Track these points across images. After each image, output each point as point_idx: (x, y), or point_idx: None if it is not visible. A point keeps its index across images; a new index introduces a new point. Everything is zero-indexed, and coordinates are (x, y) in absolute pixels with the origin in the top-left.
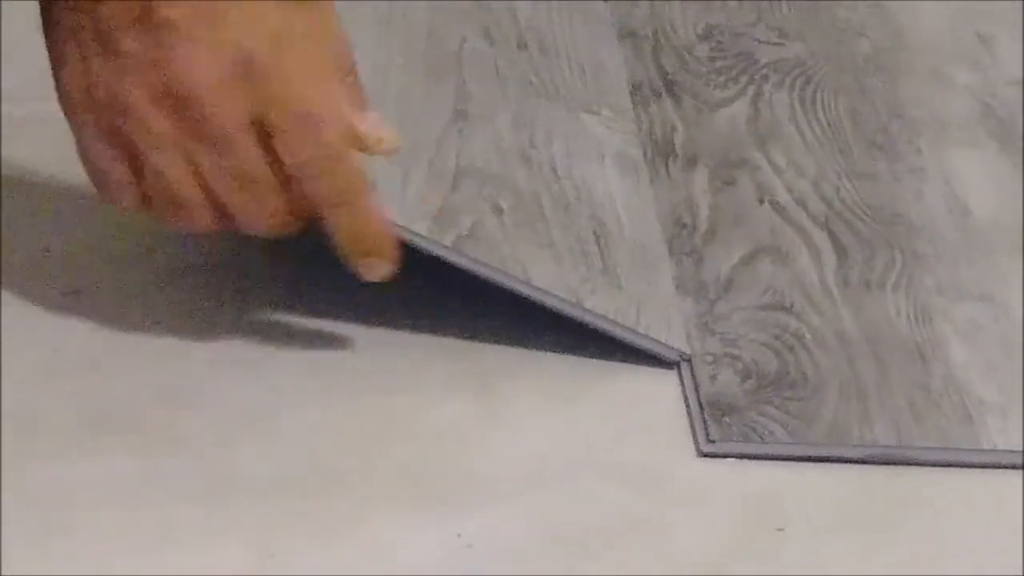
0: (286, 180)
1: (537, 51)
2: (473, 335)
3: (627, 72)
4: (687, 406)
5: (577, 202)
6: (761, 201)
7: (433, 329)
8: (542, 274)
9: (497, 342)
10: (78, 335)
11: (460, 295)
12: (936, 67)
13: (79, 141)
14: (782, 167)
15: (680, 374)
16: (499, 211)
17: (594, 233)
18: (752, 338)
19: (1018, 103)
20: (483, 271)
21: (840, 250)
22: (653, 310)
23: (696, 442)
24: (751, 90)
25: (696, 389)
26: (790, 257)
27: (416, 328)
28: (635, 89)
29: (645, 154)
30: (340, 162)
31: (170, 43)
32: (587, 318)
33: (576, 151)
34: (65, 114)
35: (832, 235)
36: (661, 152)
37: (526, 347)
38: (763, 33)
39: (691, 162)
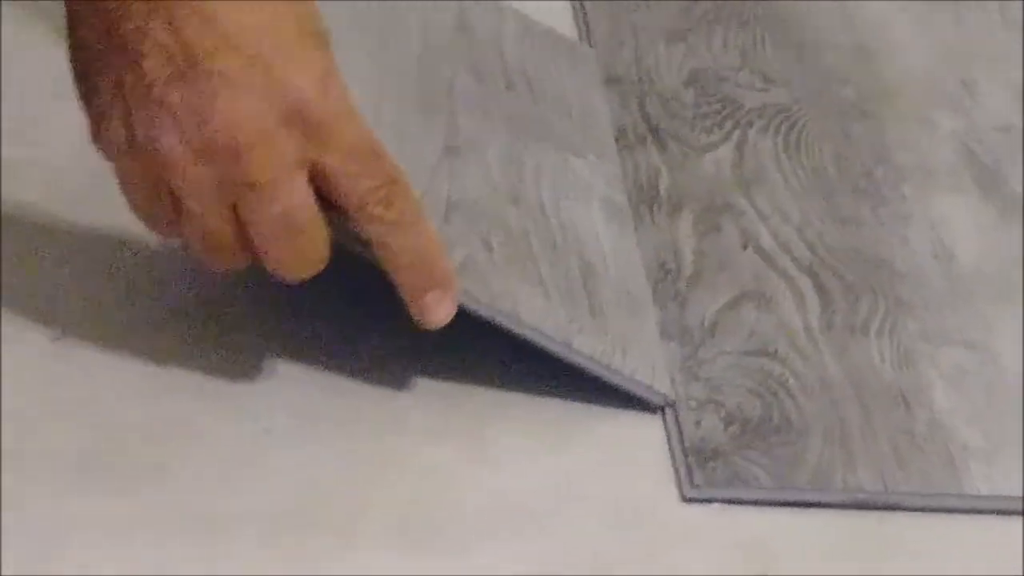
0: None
1: (525, 91)
2: (462, 378)
3: (612, 117)
4: (671, 451)
5: (564, 242)
6: (745, 246)
7: (423, 372)
8: (531, 310)
9: (486, 385)
10: (68, 377)
11: (450, 336)
12: (920, 113)
13: (122, 186)
14: (767, 212)
15: (664, 419)
16: (489, 247)
17: (581, 274)
18: (736, 383)
19: (1003, 149)
20: (474, 306)
21: (824, 295)
22: (638, 353)
23: (681, 487)
24: (736, 135)
25: (680, 434)
26: (774, 302)
27: (406, 371)
28: (620, 134)
29: (630, 199)
30: (399, 186)
31: (217, 95)
32: (575, 358)
33: (564, 192)
34: (107, 161)
35: (816, 280)
36: (646, 197)
37: (514, 390)
38: (747, 79)
39: (676, 207)
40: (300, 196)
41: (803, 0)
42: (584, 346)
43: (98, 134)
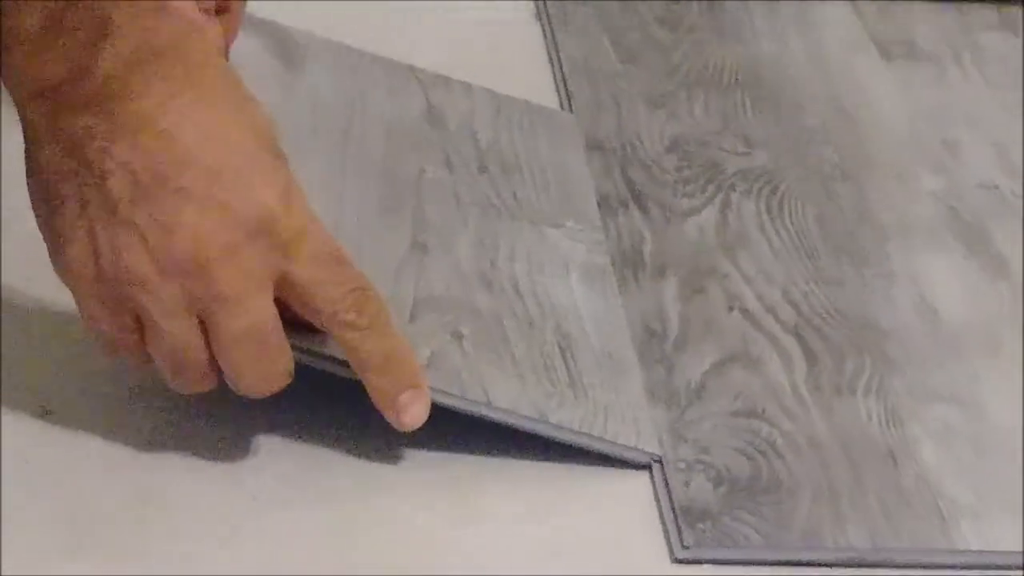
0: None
1: (499, 172)
2: (448, 444)
3: (595, 183)
4: (660, 513)
5: (540, 317)
6: (731, 309)
7: (408, 438)
8: (505, 393)
9: (471, 449)
10: (52, 449)
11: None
12: (902, 172)
13: (83, 309)
14: (751, 275)
15: (653, 480)
16: (459, 337)
17: (559, 346)
18: (724, 444)
19: (985, 207)
20: (444, 400)
21: (810, 355)
22: (621, 416)
23: (671, 548)
24: (719, 199)
25: (670, 495)
26: (761, 363)
27: (390, 437)
28: (603, 200)
29: (614, 263)
30: (368, 291)
31: (181, 211)
32: (553, 432)
33: (539, 267)
34: (68, 286)
35: (802, 341)
36: (630, 262)
37: (500, 455)
38: (729, 142)
39: (660, 271)
40: (266, 311)
41: (783, 62)
42: (563, 419)
43: (60, 258)
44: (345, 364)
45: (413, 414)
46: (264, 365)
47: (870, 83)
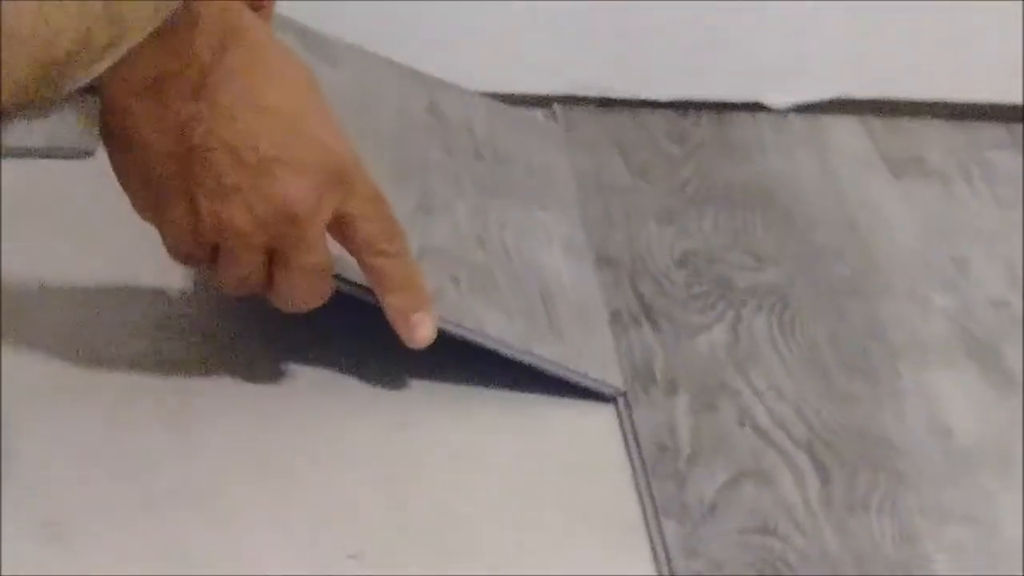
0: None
1: (492, 160)
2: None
3: (605, 298)
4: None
5: (526, 275)
6: (743, 425)
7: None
8: (495, 326)
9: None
10: (62, 562)
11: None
12: (912, 289)
13: (174, 248)
14: (762, 391)
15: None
16: (456, 280)
17: (542, 298)
18: (737, 560)
19: (997, 324)
20: (444, 326)
21: (823, 472)
22: (592, 358)
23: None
24: (729, 315)
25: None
26: (773, 480)
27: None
28: (614, 316)
29: (625, 380)
30: (398, 224)
31: (278, 176)
32: (535, 362)
33: (527, 237)
34: (168, 237)
35: (814, 457)
36: (641, 377)
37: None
38: (739, 258)
39: (672, 387)
40: (328, 248)
41: (793, 179)
42: (544, 352)
43: (161, 223)
44: (368, 290)
45: (423, 332)
46: (316, 289)
47: (880, 200)
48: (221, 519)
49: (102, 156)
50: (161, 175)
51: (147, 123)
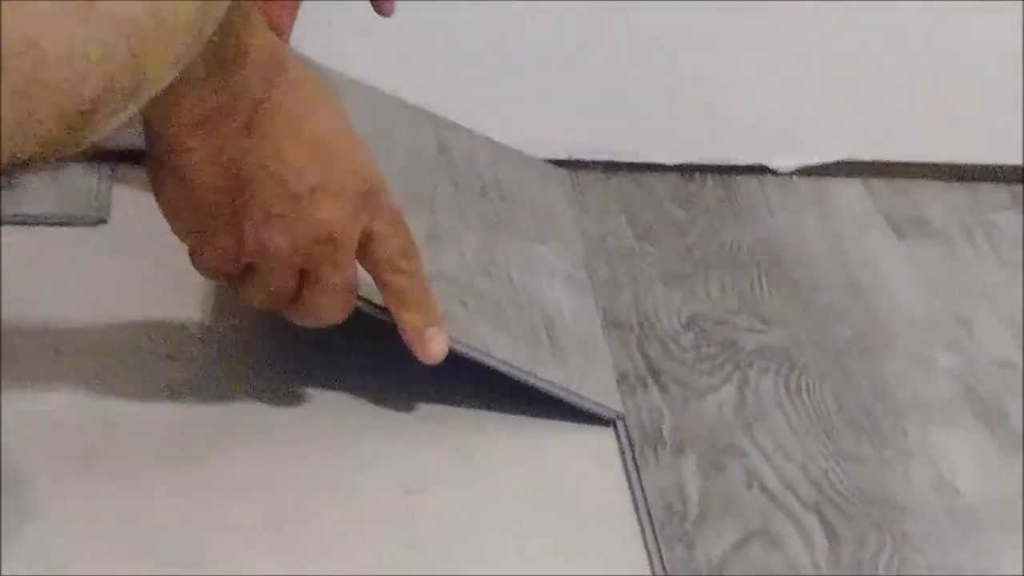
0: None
1: (497, 197)
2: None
3: (613, 360)
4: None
5: (529, 304)
6: (750, 486)
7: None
8: (500, 349)
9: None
10: None
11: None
12: (917, 350)
13: (210, 268)
14: (770, 452)
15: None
16: (464, 305)
17: (544, 326)
18: None
19: (1002, 384)
20: (452, 345)
21: (831, 533)
22: (592, 382)
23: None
24: (736, 377)
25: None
26: (781, 541)
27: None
28: (622, 377)
29: (632, 443)
30: (415, 243)
31: (320, 203)
32: (538, 384)
33: (529, 270)
34: (207, 259)
35: (822, 518)
36: (649, 439)
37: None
38: (746, 320)
39: (679, 449)
40: (355, 267)
41: (798, 241)
42: (547, 375)
43: (206, 250)
44: (382, 309)
45: (436, 347)
46: (340, 306)
47: (884, 261)
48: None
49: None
50: (211, 205)
51: (203, 158)
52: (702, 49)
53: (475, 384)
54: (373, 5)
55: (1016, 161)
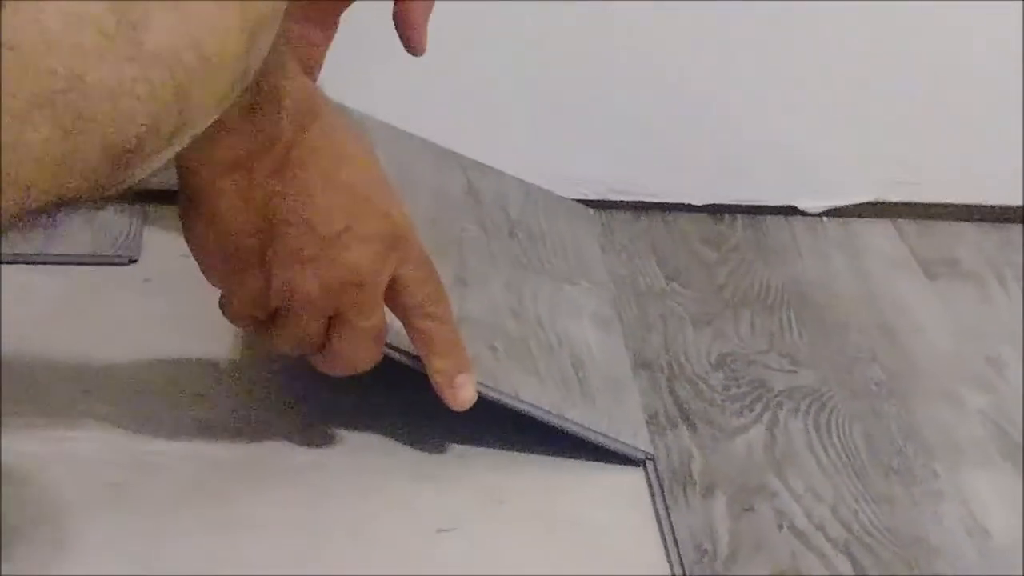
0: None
1: (526, 238)
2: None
3: (643, 401)
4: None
5: (558, 345)
6: (780, 527)
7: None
8: (529, 392)
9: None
10: None
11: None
12: (948, 390)
13: (237, 313)
14: (800, 492)
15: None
16: (493, 349)
17: (573, 367)
18: None
19: None
20: (481, 390)
21: (861, 574)
22: (622, 422)
23: None
24: (766, 417)
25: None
26: None
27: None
28: (651, 418)
29: (662, 483)
30: (443, 287)
31: (350, 248)
32: (567, 426)
33: (558, 310)
34: (235, 303)
35: (852, 559)
36: (679, 479)
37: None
38: (776, 361)
39: (709, 489)
40: (384, 312)
41: (827, 281)
42: (576, 417)
43: (236, 292)
44: (412, 356)
45: (466, 394)
46: (369, 352)
47: (914, 301)
48: None
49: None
50: (241, 248)
51: (235, 201)
52: (731, 90)
53: (505, 424)
54: (404, 43)
55: None
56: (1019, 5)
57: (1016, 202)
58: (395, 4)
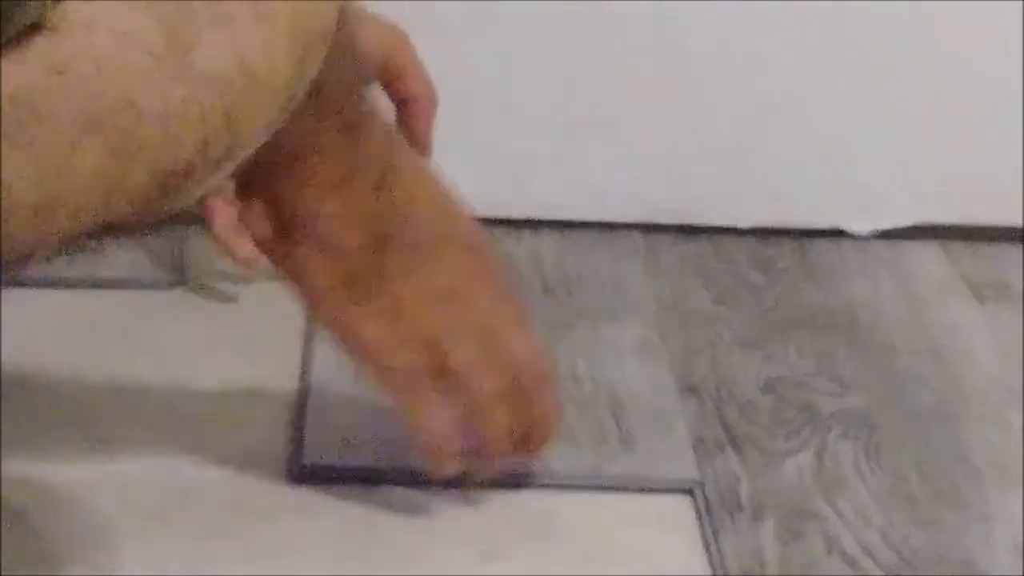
0: None
1: (563, 291)
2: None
3: (689, 425)
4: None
5: (596, 396)
6: (830, 552)
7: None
8: (562, 461)
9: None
10: None
11: None
12: (997, 414)
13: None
14: (849, 517)
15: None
16: None
17: (612, 414)
18: None
19: None
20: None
21: None
22: (666, 456)
23: None
24: (815, 441)
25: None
26: None
27: None
28: (698, 443)
29: (710, 508)
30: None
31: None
32: (604, 483)
33: (597, 357)
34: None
35: None
36: (727, 505)
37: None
38: (824, 384)
39: (757, 514)
40: None
41: (876, 304)
42: (612, 470)
43: (359, 319)
44: None
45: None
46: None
47: (963, 325)
48: None
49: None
50: (358, 270)
51: (341, 222)
52: (777, 111)
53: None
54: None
55: None
56: None
57: None
58: (398, 110)
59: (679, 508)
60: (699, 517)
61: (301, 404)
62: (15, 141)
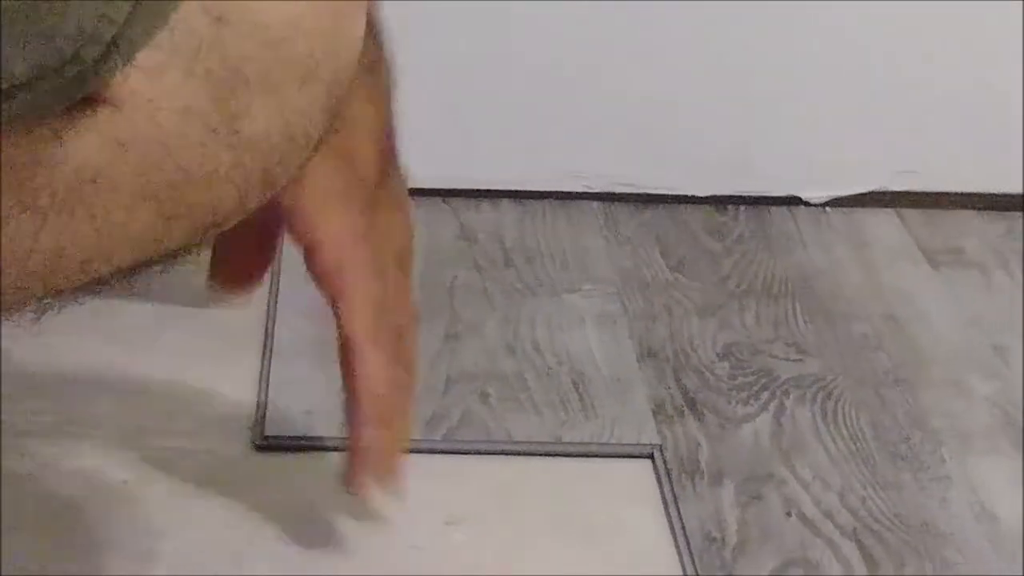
0: None
1: (523, 263)
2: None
3: (649, 391)
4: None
5: (558, 365)
6: (789, 514)
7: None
8: (524, 429)
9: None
10: None
11: None
12: (954, 378)
13: None
14: (808, 480)
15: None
16: (486, 396)
17: (573, 383)
18: None
19: None
20: (476, 446)
21: (870, 561)
22: (626, 419)
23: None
24: (773, 406)
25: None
26: (820, 569)
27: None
28: (658, 408)
29: (670, 473)
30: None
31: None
32: (565, 450)
33: (557, 326)
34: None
35: (861, 546)
36: (687, 469)
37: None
38: (781, 350)
39: (717, 478)
40: None
41: (832, 271)
42: (574, 436)
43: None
44: None
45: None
46: None
47: (918, 290)
48: None
49: None
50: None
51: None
52: (734, 81)
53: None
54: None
55: None
56: None
57: (1019, 190)
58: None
59: (640, 473)
60: (659, 481)
61: (265, 378)
62: (75, 211)
